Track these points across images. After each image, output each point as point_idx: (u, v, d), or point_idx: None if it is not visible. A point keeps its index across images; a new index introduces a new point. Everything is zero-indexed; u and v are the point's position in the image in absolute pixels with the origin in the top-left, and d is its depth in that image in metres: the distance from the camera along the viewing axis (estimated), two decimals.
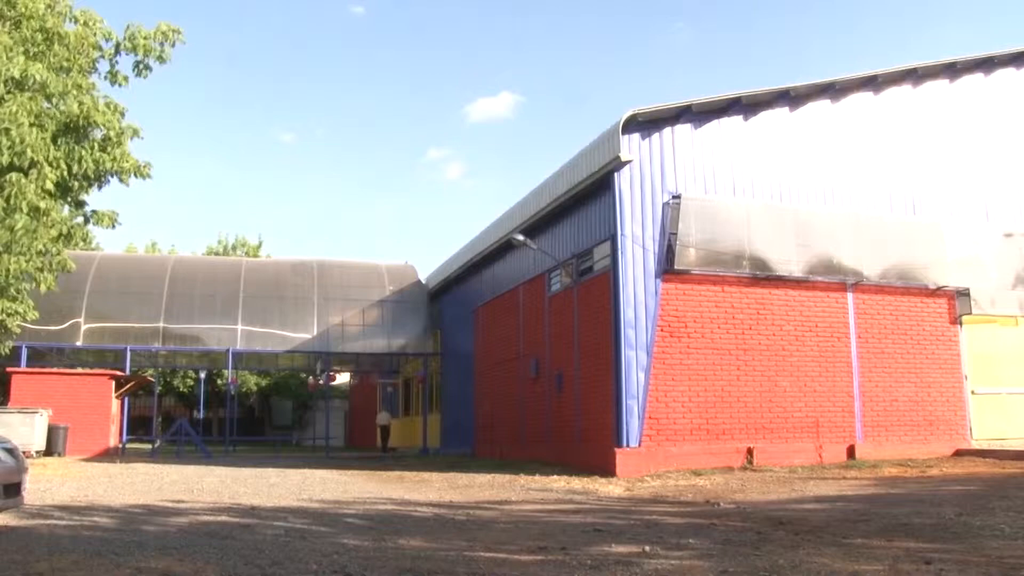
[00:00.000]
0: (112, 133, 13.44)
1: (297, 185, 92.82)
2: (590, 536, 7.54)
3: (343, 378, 40.93)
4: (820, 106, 16.91)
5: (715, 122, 15.97)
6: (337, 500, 11.11)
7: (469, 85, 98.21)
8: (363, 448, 33.64)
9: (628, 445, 14.34)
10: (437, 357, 28.08)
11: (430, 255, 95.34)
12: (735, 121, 16.13)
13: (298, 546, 6.90)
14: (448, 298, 27.41)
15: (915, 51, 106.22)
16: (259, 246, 48.07)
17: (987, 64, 18.45)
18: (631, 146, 15.11)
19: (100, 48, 13.51)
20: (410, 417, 31.70)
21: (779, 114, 16.54)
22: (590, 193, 16.23)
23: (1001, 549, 6.40)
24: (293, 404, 47.96)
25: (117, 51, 13.47)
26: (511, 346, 20.66)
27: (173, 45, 13.40)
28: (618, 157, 14.84)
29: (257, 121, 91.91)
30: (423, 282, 29.26)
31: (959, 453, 15.97)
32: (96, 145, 13.44)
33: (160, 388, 37.85)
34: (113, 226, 14.57)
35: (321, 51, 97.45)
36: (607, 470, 14.22)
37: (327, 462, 21.20)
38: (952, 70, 18.07)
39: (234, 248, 46.94)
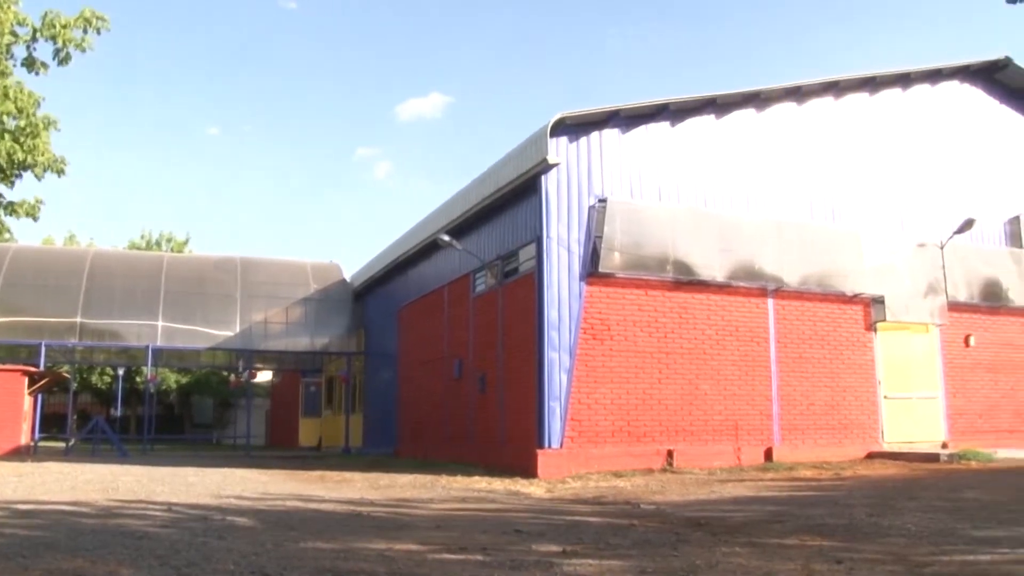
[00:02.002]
0: (24, 123, 13.00)
1: (224, 180, 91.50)
2: (510, 537, 7.54)
3: (265, 376, 40.38)
4: (746, 114, 17.21)
5: (643, 127, 16.13)
6: (256, 499, 10.94)
7: (399, 84, 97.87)
8: (285, 447, 33.22)
9: (550, 446, 14.40)
10: (361, 356, 27.87)
11: (356, 254, 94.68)
12: (662, 127, 16.32)
13: (215, 546, 6.78)
14: (373, 297, 27.23)
15: (840, 62, 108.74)
16: (186, 242, 47.11)
17: (904, 80, 19.01)
18: (559, 149, 15.18)
19: (15, 34, 13.04)
20: (333, 416, 31.42)
21: (706, 121, 16.78)
22: (517, 195, 16.25)
23: (908, 547, 6.59)
24: (214, 402, 47.09)
25: (34, 37, 13.03)
26: (435, 346, 20.59)
27: (99, 32, 13.00)
28: (545, 160, 14.88)
29: (183, 114, 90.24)
30: (348, 281, 29.02)
31: (871, 456, 16.42)
32: (7, 135, 12.99)
33: (76, 385, 36.85)
34: (35, 218, 14.09)
35: (251, 45, 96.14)
36: (529, 471, 14.25)
37: (248, 461, 20.87)
38: (872, 84, 18.57)
39: (158, 243, 45.95)
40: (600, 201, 15.36)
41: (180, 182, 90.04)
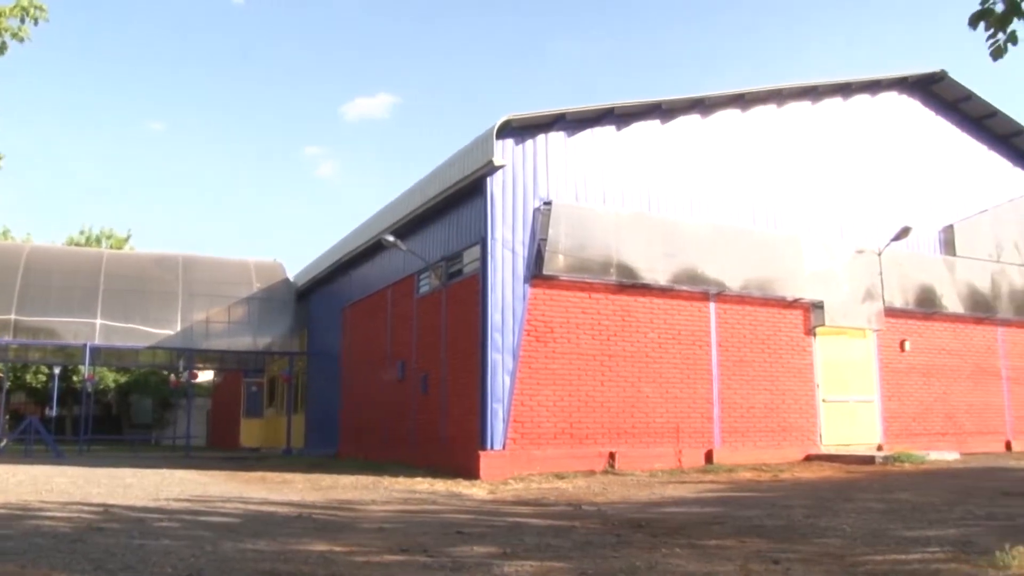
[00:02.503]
0: None
1: (166, 177, 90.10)
2: (452, 538, 7.54)
3: (206, 376, 39.86)
4: (690, 120, 17.38)
5: (588, 131, 16.21)
6: (196, 501, 10.79)
7: (347, 84, 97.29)
8: (226, 448, 32.82)
9: (492, 448, 14.40)
10: (303, 356, 27.62)
11: (300, 253, 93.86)
12: (608, 131, 16.42)
13: (153, 548, 6.67)
14: (316, 297, 27.01)
15: (786, 70, 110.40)
16: (127, 238, 46.21)
17: (845, 89, 19.40)
18: (505, 151, 15.19)
19: None
20: (275, 416, 31.11)
21: (651, 126, 16.91)
22: (462, 196, 16.23)
23: (843, 548, 6.72)
24: (153, 402, 46.32)
25: None
26: (378, 347, 20.49)
27: (36, 23, 12.65)
28: (491, 162, 14.88)
29: (125, 108, 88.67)
30: (291, 280, 28.72)
31: (809, 458, 16.68)
32: None
33: (9, 384, 36.03)
34: None
35: (197, 40, 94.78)
36: (471, 472, 14.24)
37: (187, 462, 20.57)
38: (814, 93, 18.91)
39: (98, 240, 45.03)
40: (545, 204, 15.41)
41: (121, 178, 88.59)
